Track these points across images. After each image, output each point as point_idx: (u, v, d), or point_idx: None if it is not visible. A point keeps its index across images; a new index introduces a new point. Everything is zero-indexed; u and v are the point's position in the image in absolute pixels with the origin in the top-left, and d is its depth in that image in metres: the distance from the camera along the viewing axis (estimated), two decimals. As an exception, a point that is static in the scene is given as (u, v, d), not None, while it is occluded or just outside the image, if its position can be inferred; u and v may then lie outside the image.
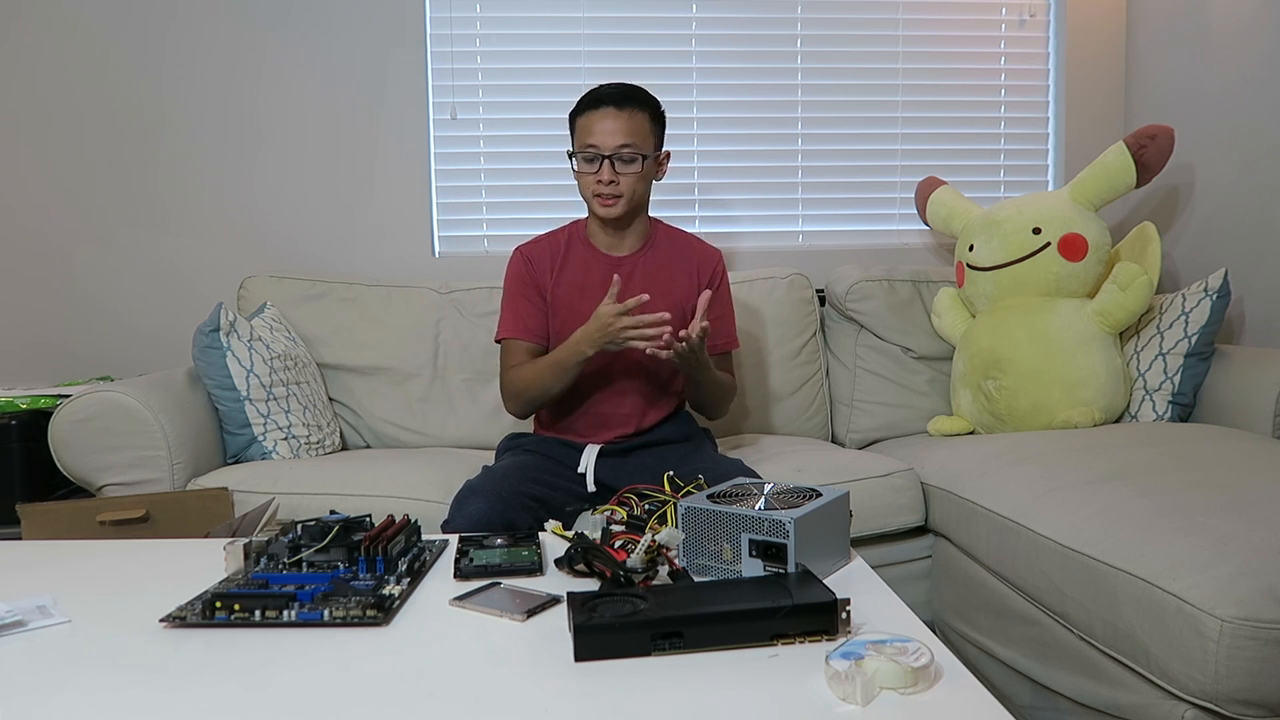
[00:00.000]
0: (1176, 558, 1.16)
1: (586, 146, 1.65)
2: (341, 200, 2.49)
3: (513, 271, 1.79)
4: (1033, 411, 1.99)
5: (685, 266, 1.79)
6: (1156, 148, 2.05)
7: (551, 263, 1.77)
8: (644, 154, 1.66)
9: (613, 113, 1.64)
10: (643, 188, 1.70)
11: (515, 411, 1.74)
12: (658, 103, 1.72)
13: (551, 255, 1.78)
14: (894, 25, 2.55)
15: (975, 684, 0.78)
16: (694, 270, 1.80)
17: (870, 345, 2.31)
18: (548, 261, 1.77)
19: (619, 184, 1.66)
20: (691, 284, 1.78)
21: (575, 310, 1.72)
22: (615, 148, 1.64)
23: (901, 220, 2.60)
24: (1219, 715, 1.08)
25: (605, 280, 1.71)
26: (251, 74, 2.44)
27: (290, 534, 1.10)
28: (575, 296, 1.74)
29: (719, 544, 1.05)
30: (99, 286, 2.46)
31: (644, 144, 1.66)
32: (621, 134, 1.64)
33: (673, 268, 1.78)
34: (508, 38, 2.48)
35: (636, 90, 1.68)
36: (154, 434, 1.77)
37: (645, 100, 1.69)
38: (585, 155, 1.66)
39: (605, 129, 1.64)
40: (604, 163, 1.64)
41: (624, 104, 1.65)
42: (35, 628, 0.95)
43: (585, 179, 1.68)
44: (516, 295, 1.76)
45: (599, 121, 1.64)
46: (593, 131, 1.65)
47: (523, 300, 1.76)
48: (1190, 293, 2.01)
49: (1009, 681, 1.53)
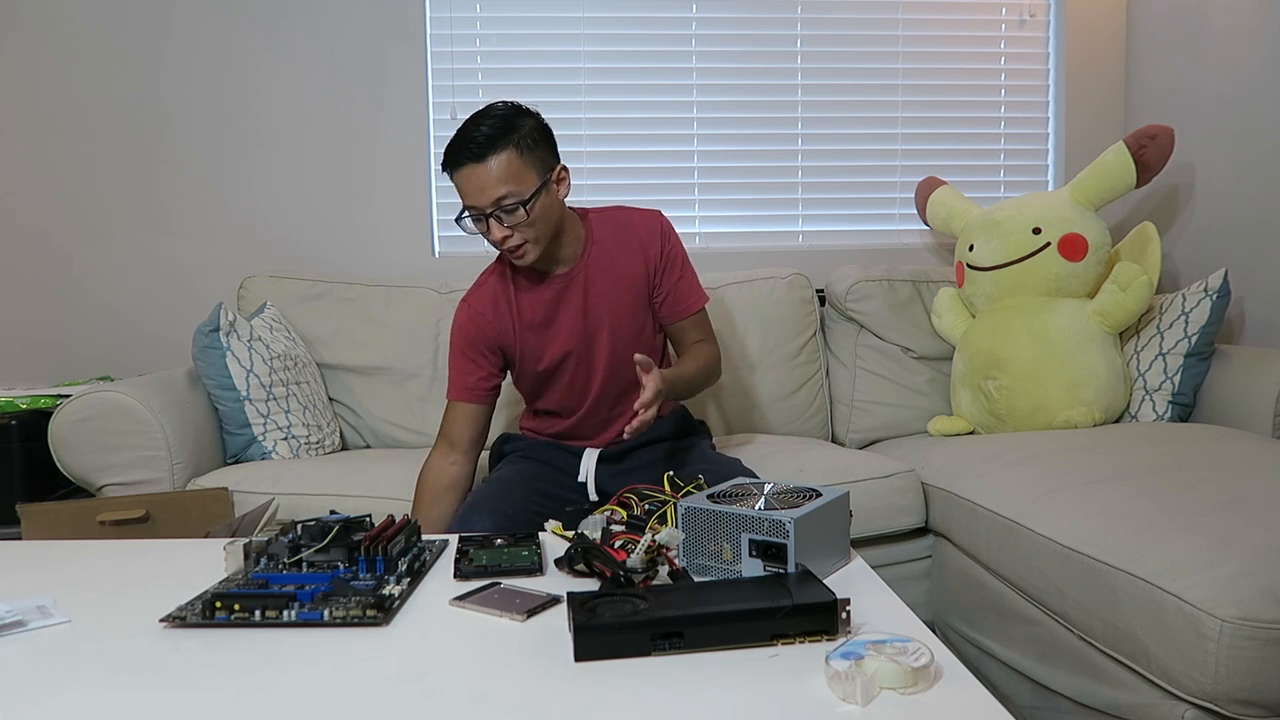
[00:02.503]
0: (1176, 558, 1.16)
1: (467, 207, 1.53)
2: (341, 200, 2.49)
3: (458, 331, 1.68)
4: (1033, 411, 1.99)
5: (630, 244, 1.69)
6: (1156, 148, 2.05)
7: (507, 309, 1.66)
8: (524, 199, 1.49)
9: (475, 169, 1.48)
10: (546, 219, 1.54)
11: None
12: (529, 122, 1.53)
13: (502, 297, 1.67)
14: (894, 25, 2.55)
15: (975, 684, 0.78)
16: (639, 243, 1.69)
17: (870, 345, 2.31)
18: (501, 308, 1.67)
19: (514, 235, 1.53)
20: (640, 256, 1.69)
21: (544, 337, 1.66)
22: (490, 203, 1.49)
23: (901, 220, 2.60)
24: (1219, 715, 1.08)
25: (563, 296, 1.64)
26: (251, 74, 2.44)
27: (290, 534, 1.10)
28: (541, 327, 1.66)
29: (719, 544, 1.05)
30: (99, 286, 2.46)
31: (523, 184, 1.49)
32: (492, 186, 1.48)
33: (617, 252, 1.68)
34: (508, 38, 2.48)
35: (496, 126, 1.49)
36: (154, 434, 1.77)
37: (508, 132, 1.49)
38: (471, 215, 1.54)
39: (474, 187, 1.49)
40: (490, 222, 1.52)
41: (483, 155, 1.48)
42: (35, 628, 0.95)
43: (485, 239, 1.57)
44: (460, 355, 1.68)
45: (466, 181, 1.50)
46: (466, 193, 1.52)
47: (465, 360, 1.67)
48: (1190, 293, 2.01)
49: (1009, 681, 1.53)
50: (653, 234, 1.70)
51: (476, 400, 1.67)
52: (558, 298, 1.65)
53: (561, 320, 1.65)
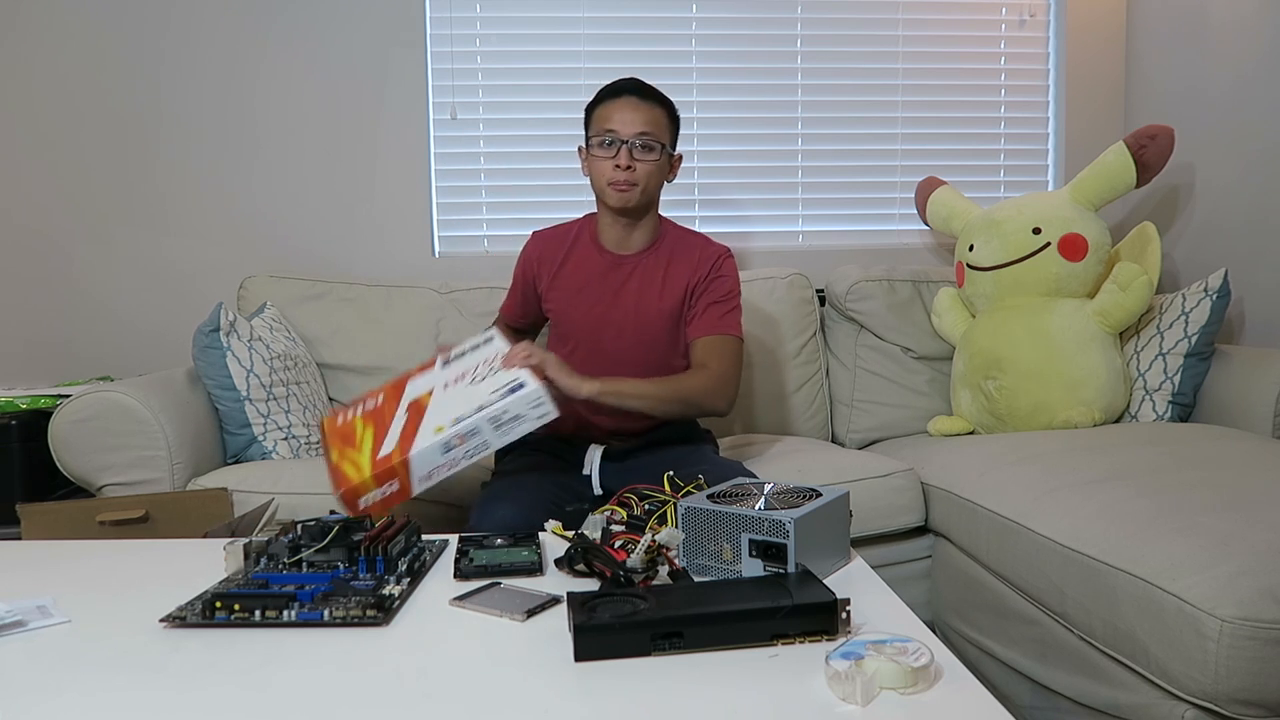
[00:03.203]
0: (1176, 558, 1.16)
1: (605, 132, 1.64)
2: (341, 200, 2.49)
3: (520, 257, 1.84)
4: (1033, 411, 1.99)
5: (686, 266, 1.75)
6: (1156, 148, 2.05)
7: (554, 256, 1.78)
8: (662, 143, 1.65)
9: (634, 102, 1.64)
10: (657, 181, 1.68)
11: None
12: (675, 106, 1.72)
13: (562, 245, 1.78)
14: (894, 25, 2.55)
15: (975, 684, 0.78)
16: (693, 268, 1.75)
17: (870, 345, 2.31)
18: (552, 254, 1.78)
19: (635, 171, 1.63)
20: (685, 281, 1.73)
21: (572, 305, 1.74)
22: (635, 134, 1.62)
23: (901, 220, 2.60)
24: (1219, 715, 1.08)
25: (603, 278, 1.72)
26: (251, 74, 2.44)
27: (290, 534, 1.10)
28: (572, 294, 1.74)
29: (719, 544, 1.05)
30: (99, 286, 2.46)
31: (662, 136, 1.65)
32: (641, 122, 1.62)
33: (674, 268, 1.75)
34: (508, 38, 2.48)
35: (656, 90, 1.69)
36: (154, 434, 1.77)
37: (665, 99, 1.70)
38: (602, 140, 1.64)
39: (626, 117, 1.63)
40: (622, 148, 1.62)
41: (646, 96, 1.65)
42: (35, 628, 0.95)
43: (601, 165, 1.65)
44: (514, 281, 1.86)
45: (620, 110, 1.63)
46: (612, 119, 1.63)
47: (515, 288, 1.86)
48: (1190, 293, 2.01)
49: (1009, 681, 1.53)
50: (710, 258, 1.75)
51: (510, 324, 1.87)
52: (603, 272, 1.73)
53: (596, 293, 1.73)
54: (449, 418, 1.34)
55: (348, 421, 1.47)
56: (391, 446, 1.34)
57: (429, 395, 1.44)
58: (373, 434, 1.40)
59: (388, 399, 1.48)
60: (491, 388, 1.38)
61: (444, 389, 1.45)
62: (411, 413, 1.41)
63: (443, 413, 1.37)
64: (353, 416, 1.48)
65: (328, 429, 1.48)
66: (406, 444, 1.32)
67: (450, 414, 1.34)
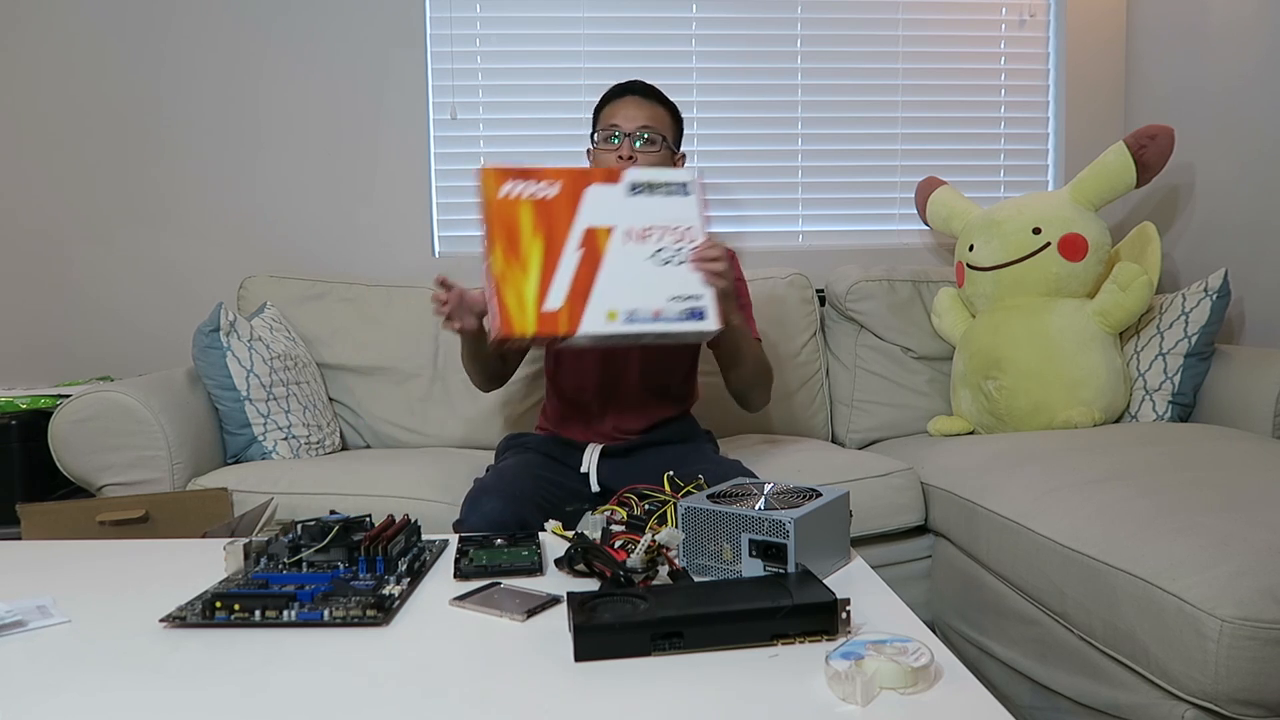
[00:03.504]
0: (1176, 558, 1.16)
1: (609, 127, 1.69)
2: (341, 200, 2.49)
3: None
4: (1033, 411, 1.99)
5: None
6: (1156, 148, 2.05)
7: None
8: (664, 136, 1.69)
9: (638, 100, 1.70)
10: None
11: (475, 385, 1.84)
12: (679, 109, 1.77)
13: None
14: (894, 25, 2.55)
15: (975, 684, 0.78)
16: None
17: (870, 345, 2.31)
18: None
19: (637, 162, 1.66)
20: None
21: None
22: (636, 128, 1.67)
23: (901, 220, 2.60)
24: (1219, 715, 1.08)
25: None
26: (251, 74, 2.44)
27: (290, 534, 1.10)
28: None
29: (719, 544, 1.05)
30: (99, 286, 2.46)
31: (664, 131, 1.70)
32: (643, 118, 1.68)
33: None
34: (508, 38, 2.48)
35: (662, 92, 1.74)
36: (154, 434, 1.77)
37: (669, 101, 1.75)
38: (607, 135, 1.69)
39: (628, 113, 1.68)
40: (625, 140, 1.67)
41: (651, 95, 1.71)
42: (35, 628, 0.95)
43: (605, 159, 1.69)
44: None
45: (624, 107, 1.69)
46: (616, 115, 1.69)
47: None
48: (1190, 293, 2.01)
49: (1009, 681, 1.53)
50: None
51: None
52: None
53: None
54: (623, 306, 1.38)
55: (513, 201, 1.40)
56: (559, 300, 1.37)
57: (608, 236, 1.41)
58: (541, 254, 1.38)
59: (564, 196, 1.41)
60: (673, 289, 1.40)
61: (624, 240, 1.42)
62: (587, 251, 1.40)
63: (618, 286, 1.39)
64: (520, 196, 1.41)
65: (489, 187, 1.39)
66: (577, 306, 1.37)
67: (625, 299, 1.38)
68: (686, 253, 1.43)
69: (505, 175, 1.41)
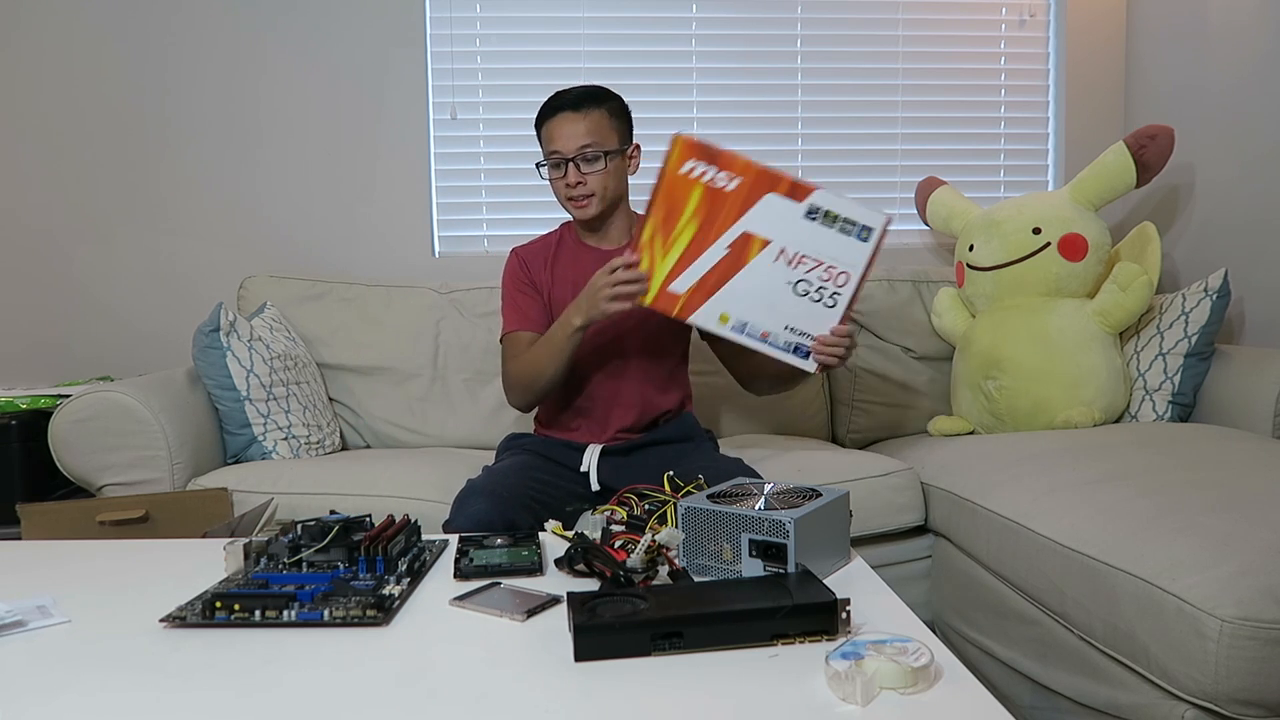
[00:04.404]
0: (1176, 558, 1.16)
1: (551, 153, 1.67)
2: (341, 200, 2.49)
3: (510, 271, 1.81)
4: (1033, 411, 1.99)
5: None
6: (1156, 148, 2.05)
7: (545, 260, 1.79)
8: (606, 150, 1.66)
9: (570, 116, 1.65)
10: (614, 183, 1.70)
11: (517, 404, 1.75)
12: (618, 98, 1.72)
13: (545, 253, 1.80)
14: (894, 25, 2.55)
15: (975, 684, 0.78)
16: None
17: (870, 345, 2.31)
18: (542, 259, 1.79)
19: (587, 184, 1.66)
20: None
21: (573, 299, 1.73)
22: (577, 149, 1.64)
23: (901, 220, 2.60)
24: (1219, 715, 1.08)
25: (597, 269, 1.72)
26: (252, 74, 2.44)
27: (290, 534, 1.10)
28: (571, 291, 1.74)
29: (719, 544, 1.05)
30: (99, 286, 2.46)
31: (606, 140, 1.66)
32: (581, 135, 1.64)
33: None
34: (508, 38, 2.48)
35: (594, 90, 1.69)
36: (154, 434, 1.77)
37: (603, 97, 1.69)
38: (551, 162, 1.68)
39: (564, 133, 1.65)
40: (568, 166, 1.66)
41: (580, 105, 1.65)
42: (35, 628, 0.95)
43: (555, 185, 1.70)
44: (515, 291, 1.79)
45: (558, 127, 1.66)
46: (554, 138, 1.66)
47: (521, 295, 1.78)
48: (1190, 293, 2.01)
49: (1009, 681, 1.53)
50: None
51: (534, 329, 1.73)
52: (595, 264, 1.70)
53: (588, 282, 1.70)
54: (739, 316, 1.44)
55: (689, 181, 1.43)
56: (685, 286, 1.45)
57: (761, 247, 1.43)
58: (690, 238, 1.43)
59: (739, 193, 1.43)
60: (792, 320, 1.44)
61: (774, 258, 1.44)
62: (733, 253, 1.43)
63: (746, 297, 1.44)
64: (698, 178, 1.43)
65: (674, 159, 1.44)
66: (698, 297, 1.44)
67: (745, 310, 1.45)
68: (829, 297, 1.44)
69: (693, 151, 1.44)
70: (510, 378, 1.73)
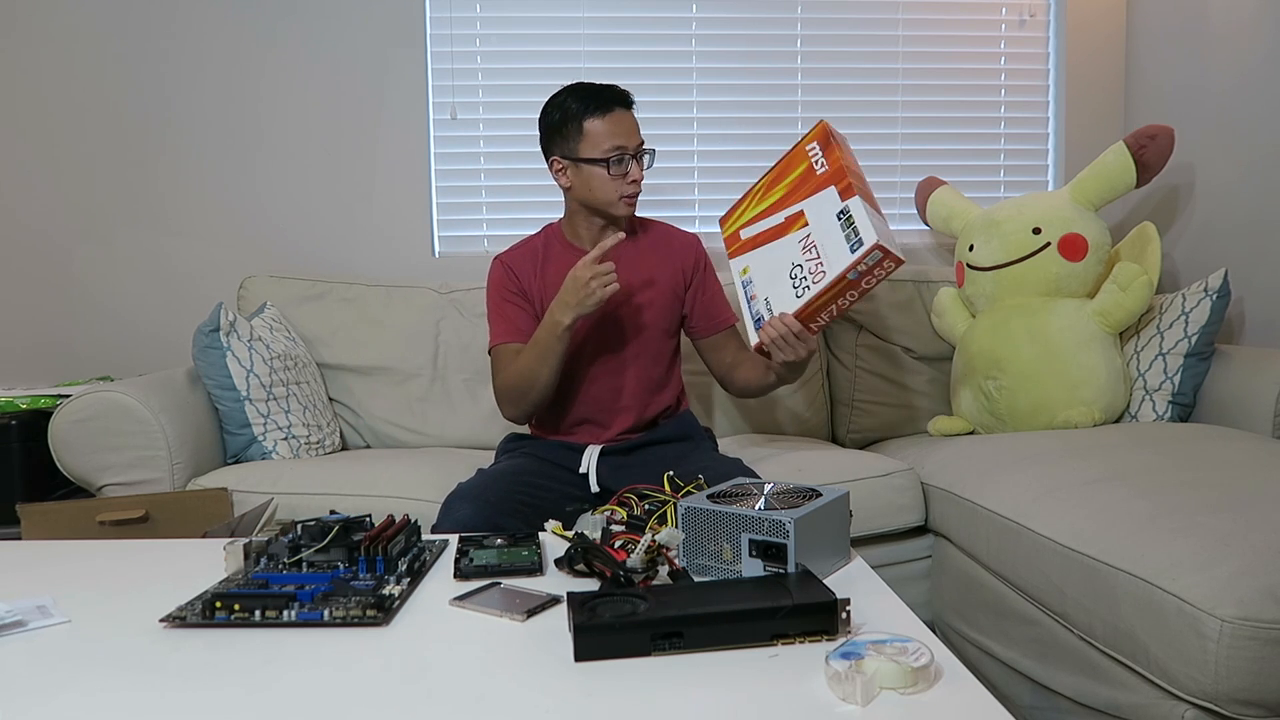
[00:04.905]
0: (1176, 558, 1.16)
1: (615, 149, 1.63)
2: (341, 200, 2.49)
3: (495, 280, 1.77)
4: (1033, 411, 1.99)
5: (667, 253, 1.79)
6: (1156, 148, 2.05)
7: (534, 265, 1.75)
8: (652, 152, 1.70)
9: (629, 115, 1.67)
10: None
11: (511, 415, 1.72)
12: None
13: (533, 259, 1.76)
14: (894, 25, 2.55)
15: (975, 684, 0.78)
16: (676, 257, 1.80)
17: (870, 345, 2.31)
18: (529, 264, 1.76)
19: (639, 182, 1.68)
20: (676, 270, 1.78)
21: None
22: (638, 146, 1.66)
23: (901, 220, 2.60)
24: (1219, 715, 1.08)
25: None
26: (252, 74, 2.44)
27: (290, 534, 1.10)
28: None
29: (719, 544, 1.05)
30: (99, 286, 2.46)
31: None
32: (637, 133, 1.67)
33: (655, 255, 1.78)
34: (508, 38, 2.48)
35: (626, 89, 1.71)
36: (154, 434, 1.77)
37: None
38: (616, 158, 1.63)
39: (628, 128, 1.65)
40: (633, 164, 1.65)
41: (631, 105, 1.68)
42: (35, 628, 0.95)
43: (610, 181, 1.64)
44: (501, 302, 1.74)
45: (620, 122, 1.65)
46: (616, 134, 1.63)
47: (509, 305, 1.74)
48: (1190, 293, 2.01)
49: (1009, 681, 1.53)
50: (689, 249, 1.83)
51: (523, 340, 1.69)
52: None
53: None
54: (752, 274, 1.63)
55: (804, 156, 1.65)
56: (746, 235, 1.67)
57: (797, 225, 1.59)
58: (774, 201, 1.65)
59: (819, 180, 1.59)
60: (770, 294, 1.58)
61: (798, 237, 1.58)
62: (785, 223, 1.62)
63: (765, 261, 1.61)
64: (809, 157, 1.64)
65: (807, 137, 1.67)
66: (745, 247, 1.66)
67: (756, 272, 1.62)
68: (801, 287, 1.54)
69: (819, 136, 1.65)
70: (502, 389, 1.69)
